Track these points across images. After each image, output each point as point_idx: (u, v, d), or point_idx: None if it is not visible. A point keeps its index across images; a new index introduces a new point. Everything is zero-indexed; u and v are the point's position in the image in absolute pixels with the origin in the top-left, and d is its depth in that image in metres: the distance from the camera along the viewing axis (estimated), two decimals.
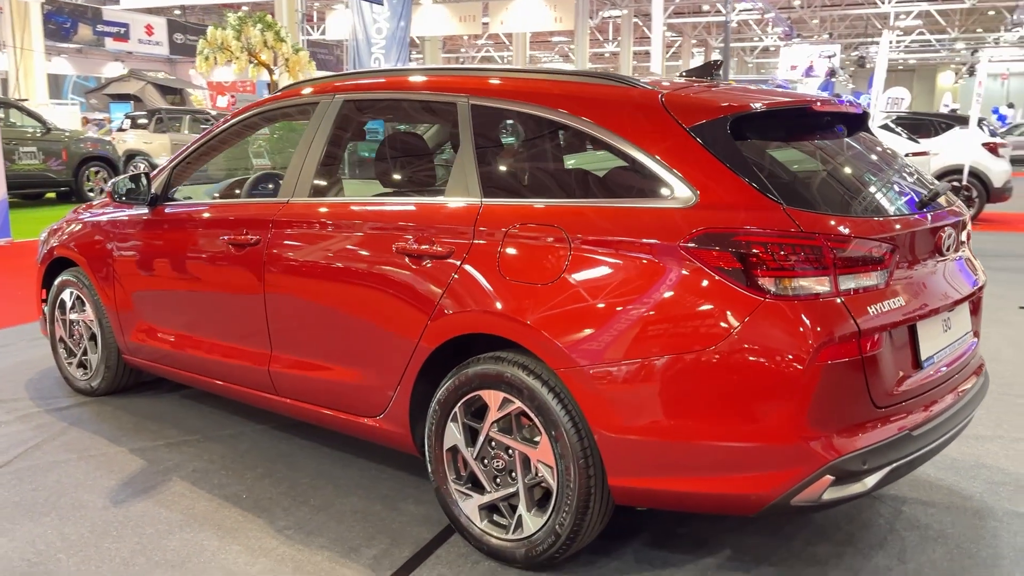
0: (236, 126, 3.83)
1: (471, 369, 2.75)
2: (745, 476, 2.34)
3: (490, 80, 2.99)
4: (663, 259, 2.41)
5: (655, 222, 2.45)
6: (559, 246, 2.57)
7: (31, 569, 2.78)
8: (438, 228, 2.86)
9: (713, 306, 2.33)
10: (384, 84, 3.35)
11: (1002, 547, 2.91)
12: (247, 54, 13.62)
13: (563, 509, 2.57)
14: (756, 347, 2.28)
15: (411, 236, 2.92)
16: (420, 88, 3.20)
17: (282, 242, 3.31)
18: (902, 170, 2.92)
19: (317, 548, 2.91)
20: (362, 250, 3.06)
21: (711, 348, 2.32)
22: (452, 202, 2.89)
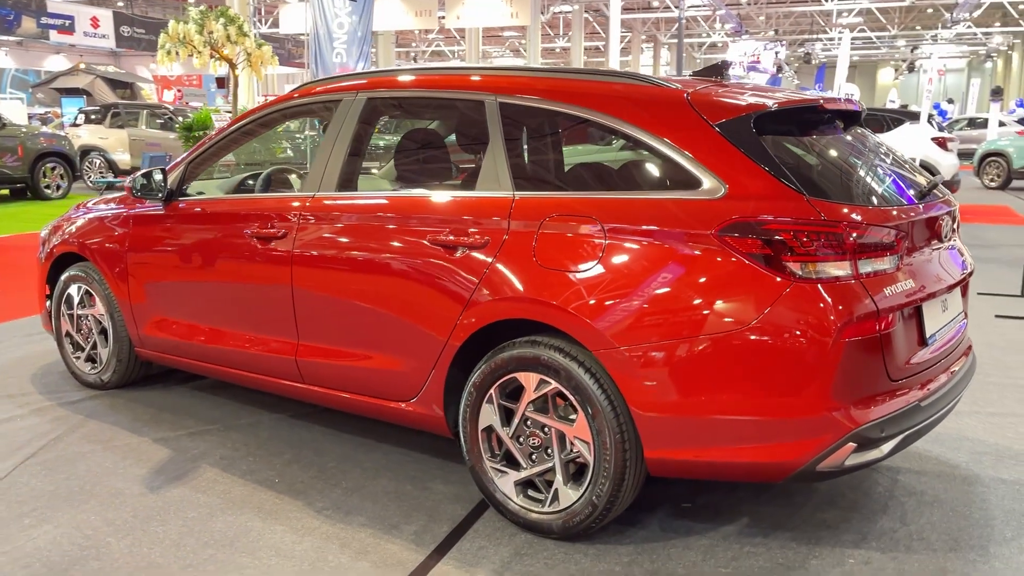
0: (252, 123, 3.93)
1: (507, 353, 2.92)
2: (775, 445, 2.54)
3: (517, 79, 3.15)
4: (696, 246, 2.60)
5: (687, 212, 2.64)
6: (594, 236, 2.75)
7: (83, 553, 2.88)
8: (472, 220, 3.02)
9: (744, 289, 2.53)
10: (408, 83, 3.49)
11: (992, 509, 3.17)
12: (210, 49, 13.52)
13: (600, 481, 2.75)
14: (785, 326, 2.48)
15: (446, 228, 3.07)
16: (445, 86, 3.35)
17: (310, 235, 3.43)
18: (899, 162, 3.16)
19: (358, 526, 3.06)
20: (395, 242, 3.20)
21: (743, 328, 2.51)
22: (485, 195, 3.05)
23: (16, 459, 3.63)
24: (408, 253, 3.15)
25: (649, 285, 2.64)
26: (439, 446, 3.72)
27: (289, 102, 3.81)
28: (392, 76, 3.53)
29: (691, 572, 2.73)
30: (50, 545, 2.92)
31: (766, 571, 2.73)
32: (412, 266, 3.14)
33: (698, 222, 2.61)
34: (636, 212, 2.72)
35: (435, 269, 3.07)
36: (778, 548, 2.87)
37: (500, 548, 2.89)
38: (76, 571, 2.76)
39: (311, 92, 3.75)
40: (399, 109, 3.71)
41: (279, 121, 4.04)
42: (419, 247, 3.12)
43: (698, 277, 2.59)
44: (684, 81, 3.00)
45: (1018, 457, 3.64)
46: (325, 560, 2.83)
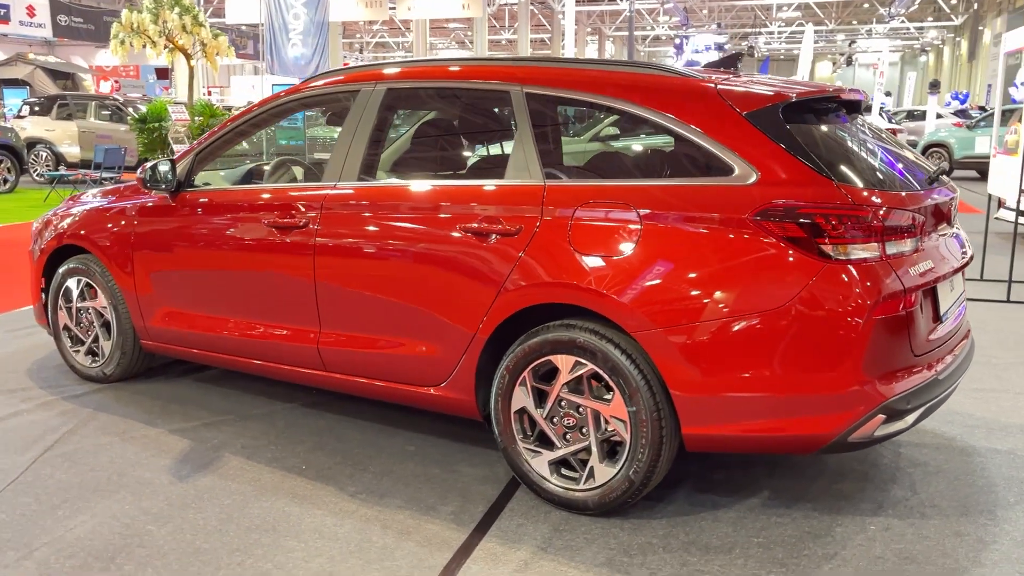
0: (264, 114, 3.95)
1: (541, 337, 3.01)
2: (809, 418, 2.69)
3: (544, 69, 3.23)
4: (731, 230, 2.72)
5: (722, 198, 2.76)
6: (630, 221, 2.86)
7: (126, 541, 2.90)
8: (504, 208, 3.10)
9: (780, 271, 2.66)
10: (429, 73, 3.54)
11: (992, 477, 3.37)
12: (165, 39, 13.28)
13: (637, 458, 2.87)
14: (819, 306, 2.62)
15: (476, 216, 3.14)
16: (469, 77, 3.42)
17: (334, 224, 3.47)
18: (904, 149, 3.32)
19: (395, 508, 3.12)
20: (424, 230, 3.26)
21: (779, 308, 2.65)
22: (514, 183, 3.13)
23: (33, 452, 3.61)
24: (439, 241, 3.21)
25: (686, 268, 2.76)
26: (458, 431, 3.80)
27: (304, 92, 3.84)
28: (412, 67, 3.58)
29: (724, 543, 2.87)
30: (91, 535, 2.94)
31: (795, 539, 2.88)
32: (443, 254, 3.20)
33: (733, 207, 2.73)
34: (671, 198, 2.83)
35: (467, 256, 3.15)
36: (802, 518, 3.02)
37: (538, 525, 2.99)
38: (123, 558, 2.79)
39: (326, 82, 3.78)
40: (420, 99, 3.76)
41: (292, 112, 4.05)
42: (450, 235, 3.19)
43: (734, 259, 2.71)
44: (708, 72, 3.12)
45: (1006, 428, 3.86)
46: (370, 541, 2.89)
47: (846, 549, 2.81)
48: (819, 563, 2.73)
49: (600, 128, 3.34)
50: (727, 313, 2.70)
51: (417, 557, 2.79)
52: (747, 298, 2.69)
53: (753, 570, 2.69)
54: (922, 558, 2.76)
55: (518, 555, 2.79)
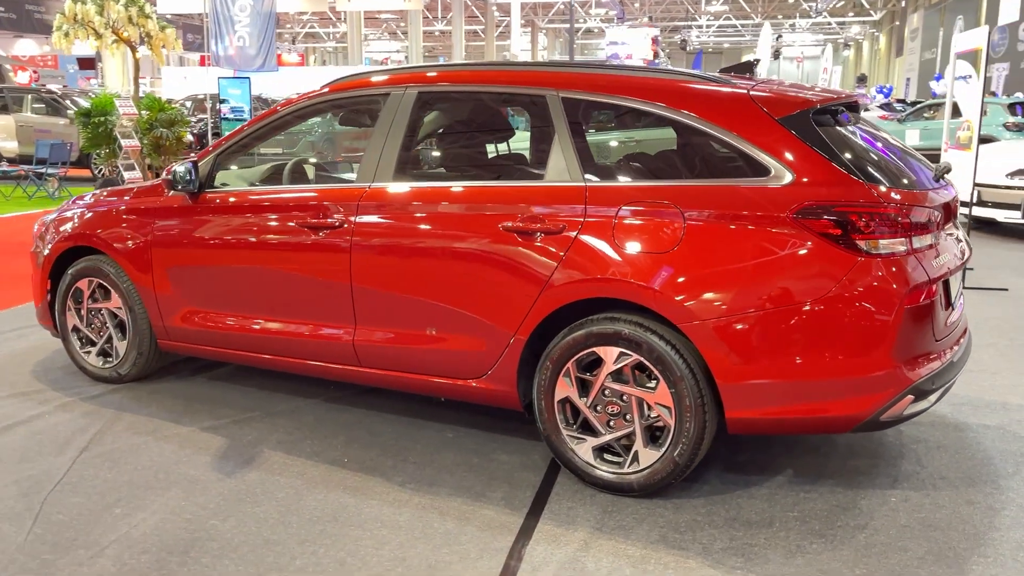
0: (289, 116, 4.02)
1: (585, 330, 3.18)
2: (846, 400, 2.92)
3: (580, 75, 3.39)
4: (771, 228, 2.93)
5: (761, 197, 2.97)
6: (673, 220, 3.04)
7: (194, 536, 2.98)
8: (546, 207, 3.26)
9: (818, 264, 2.88)
10: (462, 77, 3.67)
11: (988, 450, 3.67)
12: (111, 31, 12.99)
13: (682, 441, 3.06)
14: (855, 296, 2.86)
15: (519, 215, 3.29)
16: (503, 81, 3.56)
17: (372, 224, 3.58)
18: (907, 148, 3.58)
19: (446, 496, 3.26)
20: (466, 230, 3.39)
21: (818, 299, 2.87)
22: (555, 184, 3.29)
23: (70, 454, 3.64)
24: (482, 240, 3.35)
25: (729, 263, 2.96)
26: (486, 421, 3.94)
27: (331, 95, 3.92)
28: (444, 71, 3.70)
29: (763, 517, 3.09)
30: (156, 531, 3.01)
31: (827, 512, 3.12)
32: (486, 252, 3.34)
33: (773, 206, 2.94)
34: (712, 198, 3.03)
35: (510, 254, 3.30)
36: (828, 493, 3.27)
37: (588, 507, 3.17)
38: (197, 552, 2.87)
39: (354, 85, 3.88)
40: (452, 103, 3.89)
41: (319, 114, 4.13)
42: (493, 234, 3.33)
43: (775, 255, 2.92)
44: (737, 79, 3.32)
45: (990, 406, 4.18)
46: (432, 527, 3.03)
47: (874, 520, 3.06)
48: (854, 533, 2.97)
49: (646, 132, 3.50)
50: (769, 304, 2.91)
51: (482, 540, 2.94)
52: (787, 290, 2.90)
53: (796, 541, 2.92)
54: (944, 525, 3.03)
55: (576, 535, 2.97)
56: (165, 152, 13.86)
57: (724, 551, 2.86)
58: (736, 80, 3.29)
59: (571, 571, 2.75)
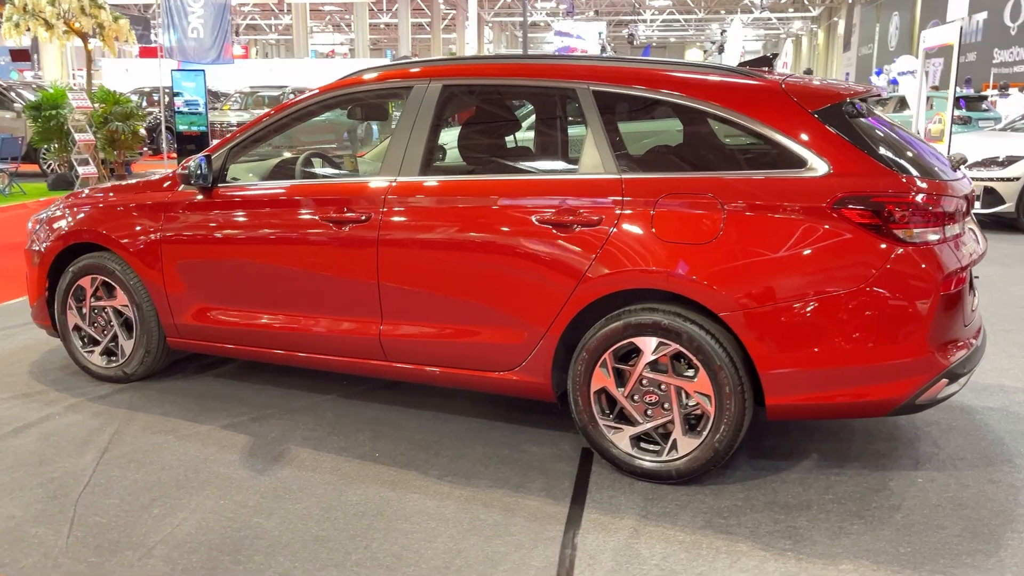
0: (306, 109, 3.97)
1: (623, 320, 3.22)
2: (884, 385, 3.01)
3: (610, 68, 3.43)
4: (811, 218, 3.00)
5: (800, 188, 3.04)
6: (713, 211, 3.10)
7: (240, 534, 2.95)
8: (582, 200, 3.28)
9: (857, 253, 2.97)
10: (488, 70, 3.67)
11: (997, 431, 3.81)
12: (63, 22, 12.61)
13: (722, 429, 3.13)
14: (893, 284, 2.95)
15: (554, 208, 3.31)
16: (532, 74, 3.57)
17: (401, 217, 3.56)
18: (922, 139, 3.70)
19: (486, 488, 3.28)
20: (500, 222, 3.40)
21: (857, 287, 2.95)
22: (590, 176, 3.32)
23: (91, 455, 3.56)
24: (516, 232, 3.37)
25: (770, 253, 3.03)
26: (509, 413, 3.97)
27: (351, 87, 3.89)
28: (469, 64, 3.70)
29: (800, 501, 3.17)
30: (200, 530, 2.97)
31: (859, 493, 3.21)
32: (521, 244, 3.36)
33: (811, 197, 3.01)
34: (752, 189, 3.09)
35: (546, 246, 3.32)
36: (857, 476, 3.36)
37: (629, 495, 3.21)
38: (248, 550, 2.84)
39: (375, 78, 3.85)
40: (479, 96, 3.88)
41: (336, 107, 4.09)
42: (527, 226, 3.35)
43: (814, 244, 3.00)
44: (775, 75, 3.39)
45: (989, 388, 4.34)
46: (479, 519, 3.04)
47: (906, 500, 3.17)
48: (890, 513, 3.07)
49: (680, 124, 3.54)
50: (808, 293, 2.99)
51: (532, 531, 2.96)
52: (827, 279, 2.98)
53: (837, 523, 3.00)
54: (972, 503, 3.14)
55: (625, 523, 3.01)
56: (120, 147, 13.55)
57: (771, 534, 2.93)
58: (764, 74, 3.35)
59: (626, 558, 2.79)
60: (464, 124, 3.98)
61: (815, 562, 2.76)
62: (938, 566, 2.74)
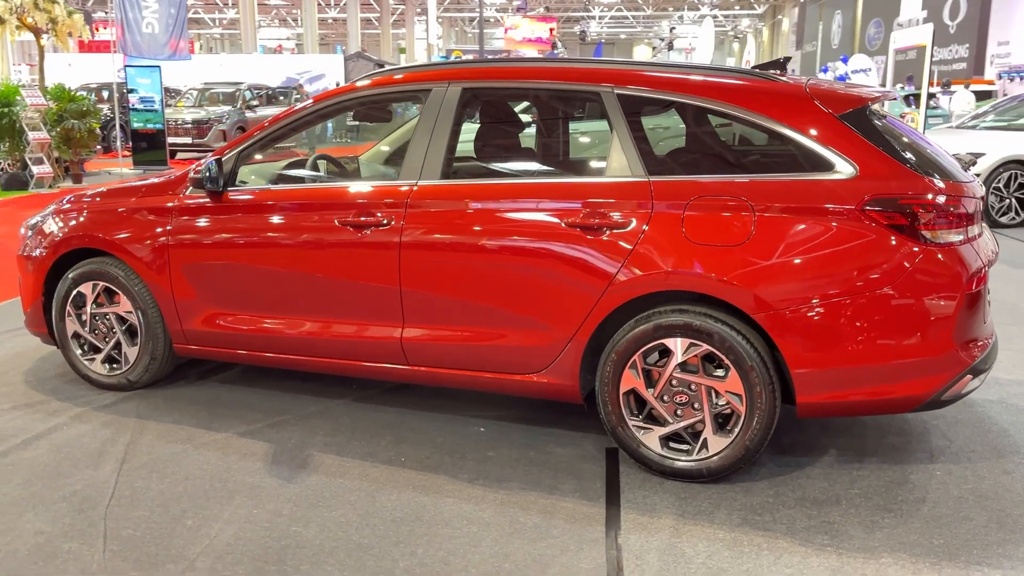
0: (322, 111, 3.93)
1: (654, 322, 3.26)
2: (911, 381, 3.10)
3: (635, 73, 3.46)
4: (840, 220, 3.07)
5: (828, 191, 3.10)
6: (744, 213, 3.15)
7: (281, 543, 2.91)
8: (611, 203, 3.31)
9: (886, 254, 3.04)
10: (510, 73, 3.68)
11: (1000, 422, 3.94)
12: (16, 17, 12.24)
13: (753, 427, 3.18)
14: (921, 284, 3.03)
15: (583, 211, 3.33)
16: (554, 77, 3.59)
17: (423, 221, 3.55)
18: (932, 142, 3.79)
19: (519, 491, 3.29)
20: (527, 226, 3.41)
21: (887, 286, 3.03)
22: (619, 180, 3.35)
23: (109, 466, 3.48)
24: (543, 236, 3.38)
25: (800, 254, 3.09)
26: (525, 415, 3.99)
27: (365, 90, 3.86)
28: (490, 67, 3.70)
29: (829, 496, 3.24)
30: (239, 540, 2.93)
31: (883, 487, 3.30)
32: (549, 247, 3.37)
33: (840, 199, 3.08)
34: (782, 192, 3.15)
35: (575, 249, 3.33)
36: (877, 469, 3.45)
37: (662, 495, 3.25)
38: (292, 559, 2.81)
39: (390, 81, 3.83)
40: (500, 99, 3.88)
41: (352, 110, 4.05)
42: (555, 229, 3.36)
43: (844, 245, 3.07)
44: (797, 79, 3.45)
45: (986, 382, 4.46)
46: (519, 522, 3.05)
47: (929, 493, 3.26)
48: (916, 506, 3.16)
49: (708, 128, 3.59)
50: (839, 293, 3.06)
51: (574, 532, 2.98)
52: (856, 279, 3.05)
53: (868, 517, 3.08)
54: (992, 494, 3.25)
55: (664, 523, 3.05)
56: (76, 145, 13.21)
57: (807, 530, 2.99)
58: (788, 77, 3.42)
59: (672, 557, 2.83)
60: (484, 127, 3.97)
61: (855, 556, 2.83)
62: (972, 556, 2.83)
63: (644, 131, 3.41)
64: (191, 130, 18.63)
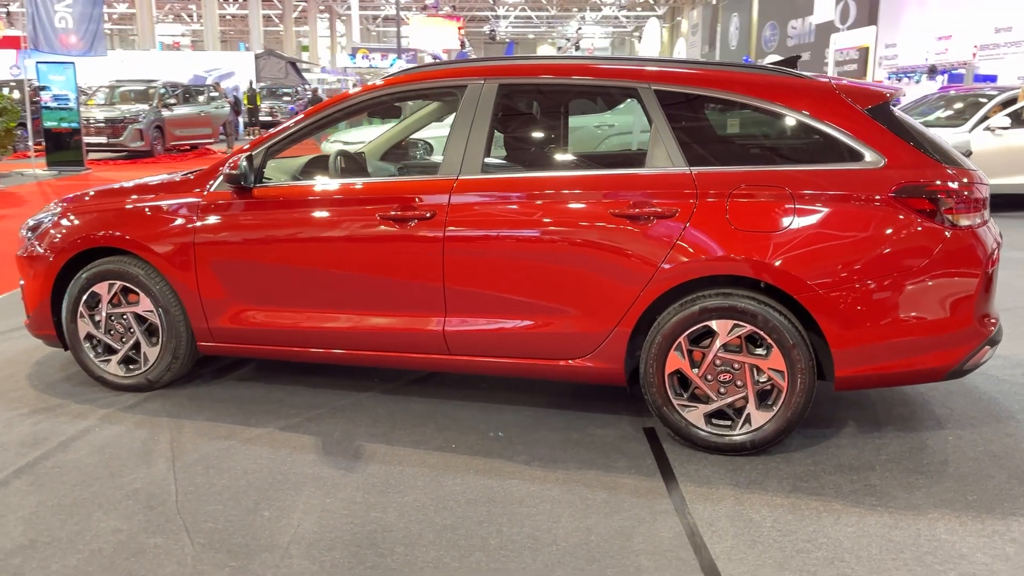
0: (357, 106, 3.98)
1: (700, 305, 3.45)
2: (938, 353, 3.38)
3: (672, 70, 3.64)
4: (873, 206, 3.33)
5: (862, 180, 3.36)
6: (785, 201, 3.37)
7: (367, 529, 2.98)
8: (656, 193, 3.49)
9: (916, 238, 3.31)
10: (548, 70, 3.81)
11: (989, 391, 4.30)
12: None
13: (795, 401, 3.42)
14: (948, 263, 3.32)
15: (628, 201, 3.50)
16: (593, 74, 3.74)
17: (468, 213, 3.65)
18: None
19: (577, 470, 3.43)
20: (573, 216, 3.56)
21: (917, 267, 3.31)
22: (660, 171, 3.53)
23: (161, 465, 3.47)
24: (590, 226, 3.53)
25: (838, 238, 3.34)
26: (558, 400, 4.13)
27: (398, 86, 3.93)
28: (527, 64, 3.82)
29: (860, 462, 3.50)
30: (324, 528, 2.98)
31: (907, 452, 3.58)
32: (595, 236, 3.53)
33: (873, 187, 3.34)
34: (819, 181, 3.38)
35: (622, 238, 3.50)
36: (896, 437, 3.74)
37: (713, 468, 3.45)
38: (384, 543, 2.89)
39: (423, 77, 3.91)
40: (537, 95, 4.00)
41: (386, 104, 4.09)
42: (602, 219, 3.52)
43: (878, 230, 3.33)
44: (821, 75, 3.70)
45: None
46: (589, 499, 3.20)
47: (949, 456, 3.56)
48: (942, 467, 3.45)
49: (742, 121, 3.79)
50: (874, 274, 3.31)
51: (643, 505, 3.15)
52: (890, 260, 3.32)
53: (903, 479, 3.35)
54: (1003, 454, 3.57)
55: (723, 493, 3.24)
56: None
57: (854, 493, 3.24)
58: (812, 74, 3.66)
59: (742, 522, 3.03)
60: (522, 123, 4.09)
61: (905, 514, 3.08)
62: (1006, 509, 3.12)
63: (683, 125, 3.60)
64: (105, 129, 18.01)
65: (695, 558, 2.81)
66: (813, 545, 2.88)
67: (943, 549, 2.86)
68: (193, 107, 20.35)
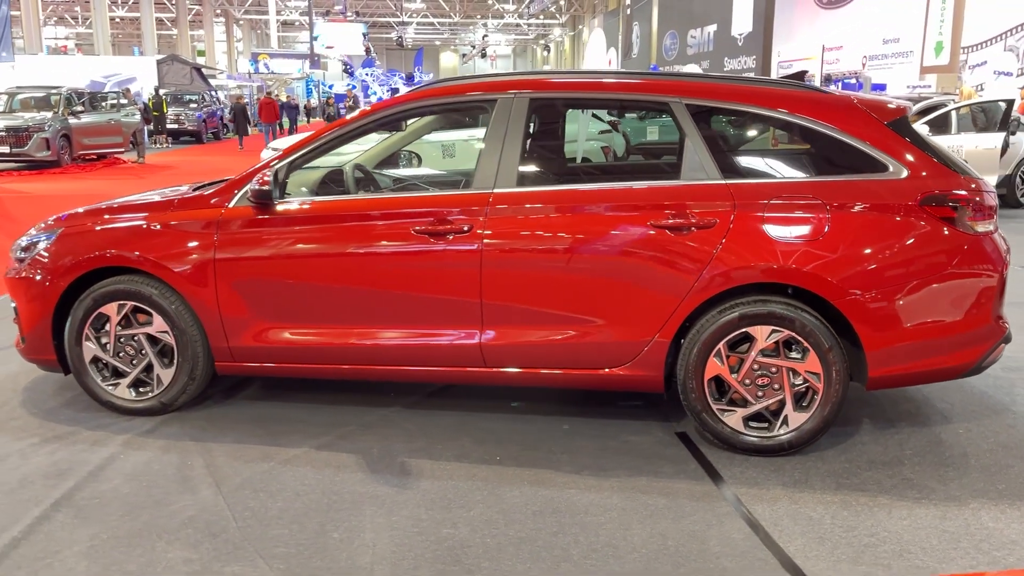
0: (380, 120, 3.95)
1: (739, 311, 3.57)
2: (961, 352, 3.59)
3: (701, 84, 3.76)
4: (901, 215, 3.51)
5: (889, 189, 3.54)
6: (819, 211, 3.53)
7: (444, 545, 2.97)
8: (694, 204, 3.59)
9: (940, 244, 3.52)
10: (576, 85, 3.86)
11: (980, 386, 4.56)
12: None
13: (832, 401, 3.57)
14: (970, 267, 3.53)
15: (667, 212, 3.59)
16: (624, 89, 3.82)
17: (506, 227, 3.67)
18: None
19: (627, 477, 3.50)
20: (613, 228, 3.62)
21: (942, 271, 3.51)
22: (699, 183, 3.63)
23: (206, 491, 3.36)
24: (630, 237, 3.60)
25: (870, 245, 3.51)
26: (581, 409, 4.19)
27: (424, 100, 3.92)
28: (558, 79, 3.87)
29: (889, 457, 3.68)
30: (400, 547, 2.96)
31: (928, 448, 3.78)
32: (635, 247, 3.60)
33: (900, 196, 3.52)
34: (850, 191, 3.55)
35: (662, 249, 3.59)
36: (912, 433, 3.94)
37: (757, 469, 3.57)
38: (467, 558, 2.89)
39: (450, 91, 3.91)
40: (567, 108, 4.03)
41: (413, 118, 4.05)
42: (644, 230, 3.60)
43: (907, 237, 3.51)
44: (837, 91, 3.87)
45: None
46: (650, 505, 3.27)
47: (966, 448, 3.78)
48: (964, 460, 3.66)
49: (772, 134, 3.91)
50: (905, 279, 3.50)
51: (704, 509, 3.24)
52: (918, 266, 3.51)
53: (934, 472, 3.54)
54: (1013, 444, 3.82)
55: (774, 492, 3.36)
56: None
57: (896, 487, 3.41)
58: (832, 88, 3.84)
59: (804, 521, 3.15)
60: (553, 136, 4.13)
61: (949, 505, 3.26)
62: None
63: (715, 138, 3.71)
64: (7, 138, 17.13)
65: (773, 558, 2.91)
66: (877, 539, 3.03)
67: (994, 537, 3.04)
68: (102, 115, 19.55)
